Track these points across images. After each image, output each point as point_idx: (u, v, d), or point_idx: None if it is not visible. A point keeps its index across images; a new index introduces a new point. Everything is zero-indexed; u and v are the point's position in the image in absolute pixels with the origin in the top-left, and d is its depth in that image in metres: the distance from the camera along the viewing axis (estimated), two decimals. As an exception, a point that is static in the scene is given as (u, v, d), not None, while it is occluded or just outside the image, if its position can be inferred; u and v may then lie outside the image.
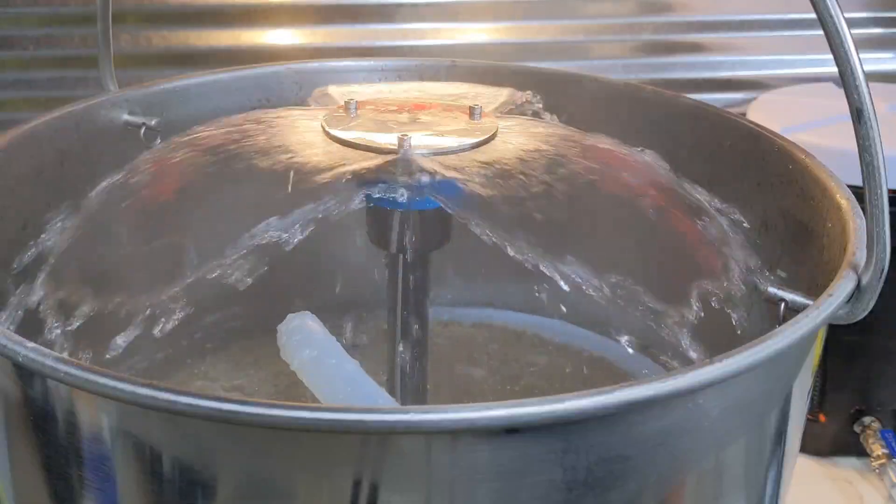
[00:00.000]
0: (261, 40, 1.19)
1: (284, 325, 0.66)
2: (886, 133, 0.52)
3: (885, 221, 0.52)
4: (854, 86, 0.50)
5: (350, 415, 0.43)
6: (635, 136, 0.69)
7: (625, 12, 1.21)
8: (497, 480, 0.46)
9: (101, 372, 0.45)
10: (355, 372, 0.63)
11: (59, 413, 0.49)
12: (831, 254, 0.60)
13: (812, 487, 0.94)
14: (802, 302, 0.55)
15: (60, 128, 0.73)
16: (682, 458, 0.50)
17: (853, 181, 0.57)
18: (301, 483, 0.47)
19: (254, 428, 0.45)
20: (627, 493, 0.48)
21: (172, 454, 0.48)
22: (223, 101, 0.80)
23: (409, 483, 0.47)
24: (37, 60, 1.17)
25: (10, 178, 0.68)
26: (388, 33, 1.19)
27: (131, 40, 1.17)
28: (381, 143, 0.63)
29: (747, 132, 0.73)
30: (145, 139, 0.76)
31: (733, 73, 1.22)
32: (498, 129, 0.66)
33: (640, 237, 0.70)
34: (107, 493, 0.50)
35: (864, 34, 1.22)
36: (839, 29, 0.50)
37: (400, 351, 0.69)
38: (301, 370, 0.64)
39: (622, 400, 0.45)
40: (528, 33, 1.20)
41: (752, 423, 0.53)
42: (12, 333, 0.48)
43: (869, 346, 0.93)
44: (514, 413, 0.44)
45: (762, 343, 0.48)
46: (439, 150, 0.63)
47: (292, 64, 0.85)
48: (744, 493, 0.55)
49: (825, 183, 0.64)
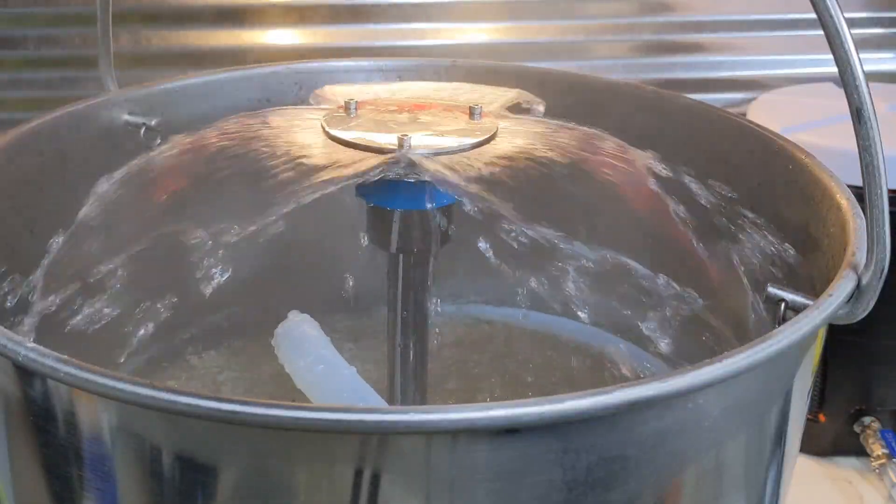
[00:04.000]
0: (261, 40, 1.19)
1: (281, 329, 0.66)
2: (886, 133, 0.52)
3: (885, 221, 0.52)
4: (854, 86, 0.50)
5: (350, 415, 0.43)
6: (635, 136, 0.69)
7: (625, 12, 1.21)
8: (497, 480, 0.46)
9: (101, 372, 0.45)
10: (351, 377, 0.63)
11: (59, 413, 0.49)
12: (831, 254, 0.60)
13: (812, 487, 0.94)
14: (802, 302, 0.55)
15: (60, 128, 0.73)
16: (682, 458, 0.50)
17: (853, 181, 0.57)
18: (301, 483, 0.47)
19: (254, 428, 0.45)
20: (627, 493, 0.48)
21: (172, 454, 0.48)
22: (223, 101, 0.80)
23: (409, 483, 0.46)
24: (37, 60, 1.17)
25: (10, 178, 0.68)
26: (388, 33, 1.19)
27: (131, 40, 1.17)
28: (381, 143, 0.63)
29: (747, 132, 0.73)
30: (145, 139, 0.76)
31: (733, 73, 1.22)
32: (498, 129, 0.66)
33: (641, 235, 0.70)
34: (107, 493, 0.50)
35: (864, 34, 1.22)
36: (839, 29, 0.50)
37: (400, 350, 0.69)
38: (296, 375, 0.64)
39: (622, 400, 0.45)
40: (528, 33, 1.20)
41: (752, 423, 0.53)
42: (12, 333, 0.48)
43: (869, 346, 0.93)
44: (514, 413, 0.44)
45: (762, 343, 0.48)
46: (439, 150, 0.63)
47: (292, 64, 0.85)
48: (744, 493, 0.55)
49: (825, 183, 0.64)
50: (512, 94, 0.73)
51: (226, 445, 0.47)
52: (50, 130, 0.72)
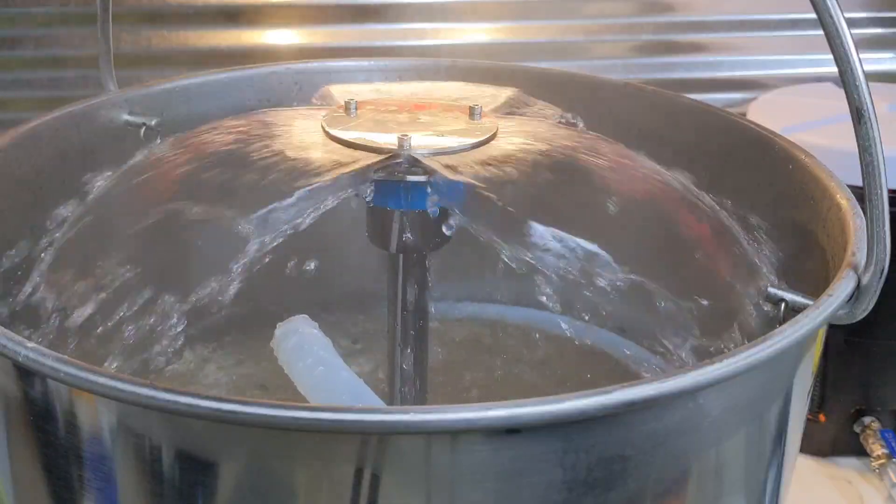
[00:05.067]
0: (261, 40, 1.19)
1: (280, 330, 0.66)
2: (886, 133, 0.52)
3: (885, 221, 0.52)
4: (854, 86, 0.50)
5: (350, 415, 0.43)
6: (635, 137, 0.69)
7: (625, 12, 1.21)
8: (497, 480, 0.46)
9: (101, 372, 0.45)
10: (350, 380, 0.62)
11: (59, 413, 0.49)
12: (831, 254, 0.60)
13: (812, 487, 0.94)
14: (802, 302, 0.55)
15: (60, 128, 0.73)
16: (682, 458, 0.50)
17: (853, 181, 0.57)
18: (301, 483, 0.47)
19: (254, 428, 0.45)
20: (627, 493, 0.48)
21: (172, 454, 0.48)
22: (223, 101, 0.80)
23: (409, 483, 0.46)
24: (37, 60, 1.17)
25: (10, 178, 0.68)
26: (388, 33, 1.19)
27: (131, 40, 1.17)
28: (381, 143, 0.63)
29: (747, 132, 0.73)
30: (145, 139, 0.76)
31: (733, 73, 1.22)
32: (498, 129, 0.66)
33: (642, 235, 0.70)
34: (107, 493, 0.50)
35: (864, 34, 1.22)
36: (839, 29, 0.50)
37: (400, 350, 0.69)
38: (295, 377, 0.64)
39: (622, 400, 0.45)
40: (528, 33, 1.20)
41: (752, 423, 0.53)
42: (12, 333, 0.48)
43: (869, 346, 0.93)
44: (514, 413, 0.44)
45: (762, 343, 0.48)
46: (439, 150, 0.63)
47: (292, 64, 0.85)
48: (744, 493, 0.55)
49: (825, 183, 0.64)
50: (511, 93, 0.73)
51: (226, 445, 0.47)
52: (50, 130, 0.72)
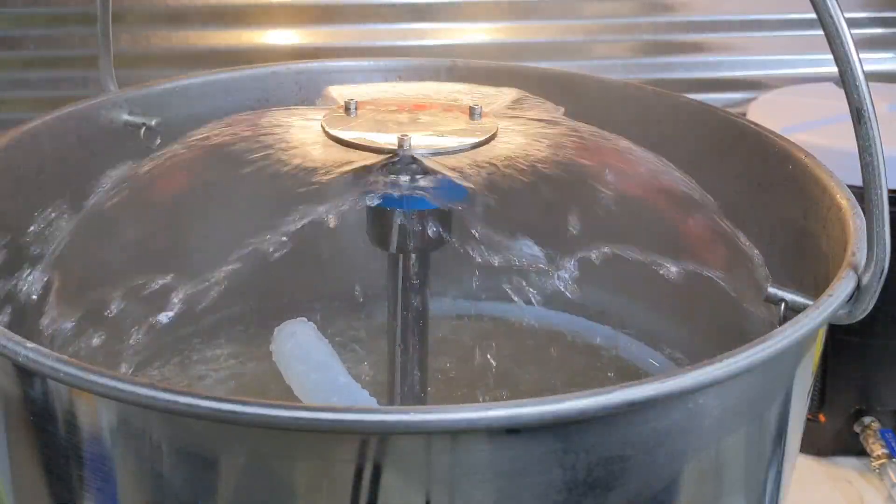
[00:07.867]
0: (261, 40, 1.19)
1: (278, 334, 0.66)
2: (886, 133, 0.52)
3: (885, 221, 0.52)
4: (854, 86, 0.50)
5: (350, 415, 0.43)
6: (635, 137, 0.69)
7: (625, 12, 1.21)
8: (497, 480, 0.46)
9: (101, 372, 0.45)
10: (347, 385, 0.63)
11: (59, 413, 0.49)
12: (831, 254, 0.60)
13: (812, 487, 0.94)
14: (802, 302, 0.55)
15: (60, 128, 0.73)
16: (682, 458, 0.50)
17: (853, 181, 0.57)
18: (301, 483, 0.47)
19: (254, 428, 0.45)
20: (627, 493, 0.48)
21: (172, 454, 0.48)
22: (223, 101, 0.80)
23: (409, 483, 0.46)
24: (37, 60, 1.17)
25: (10, 178, 0.68)
26: (388, 33, 1.19)
27: (131, 40, 1.17)
28: (381, 143, 0.63)
29: (747, 132, 0.73)
30: (145, 139, 0.76)
31: (733, 73, 1.22)
32: (498, 130, 0.66)
33: (642, 234, 0.70)
34: (107, 493, 0.50)
35: (864, 34, 1.22)
36: (839, 29, 0.50)
37: (400, 350, 0.69)
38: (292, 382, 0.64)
39: (622, 400, 0.45)
40: (528, 33, 1.20)
41: (752, 423, 0.53)
42: (12, 333, 0.48)
43: (869, 346, 0.93)
44: (514, 413, 0.44)
45: (762, 343, 0.48)
46: (439, 151, 0.63)
47: (292, 64, 0.85)
48: (744, 493, 0.55)
49: (825, 183, 0.64)
50: (512, 93, 0.73)
51: (226, 445, 0.47)
52: (50, 130, 0.72)
